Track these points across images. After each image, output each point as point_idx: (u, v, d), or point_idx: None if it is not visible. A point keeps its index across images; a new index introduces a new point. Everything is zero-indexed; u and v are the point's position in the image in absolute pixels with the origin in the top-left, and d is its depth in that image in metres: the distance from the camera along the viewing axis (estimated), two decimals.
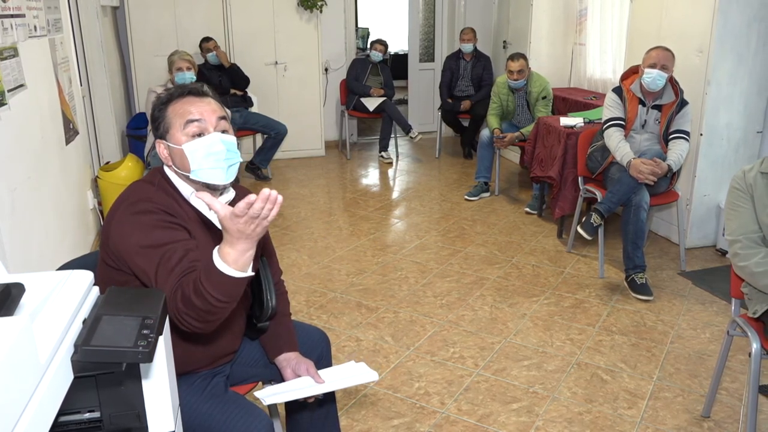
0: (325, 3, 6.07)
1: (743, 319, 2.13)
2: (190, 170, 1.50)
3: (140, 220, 1.43)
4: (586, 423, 2.33)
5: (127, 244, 1.42)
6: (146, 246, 1.40)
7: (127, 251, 1.42)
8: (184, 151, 1.49)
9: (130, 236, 1.42)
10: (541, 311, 3.19)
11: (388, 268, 3.73)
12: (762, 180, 2.00)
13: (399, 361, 2.74)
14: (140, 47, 5.65)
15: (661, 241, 4.11)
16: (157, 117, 1.55)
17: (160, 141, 1.56)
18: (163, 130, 1.54)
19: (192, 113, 1.51)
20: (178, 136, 1.51)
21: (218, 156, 1.50)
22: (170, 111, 1.53)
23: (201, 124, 1.51)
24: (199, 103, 1.53)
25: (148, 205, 1.46)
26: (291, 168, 6.07)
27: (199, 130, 1.51)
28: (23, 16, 2.74)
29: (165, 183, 1.55)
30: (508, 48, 6.05)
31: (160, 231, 1.43)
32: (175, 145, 1.51)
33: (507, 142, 4.86)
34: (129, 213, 1.45)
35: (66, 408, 1.09)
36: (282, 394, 1.65)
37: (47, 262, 2.78)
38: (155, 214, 1.45)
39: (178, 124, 1.51)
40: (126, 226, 1.44)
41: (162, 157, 1.56)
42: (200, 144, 1.50)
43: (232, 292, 1.30)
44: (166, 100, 1.56)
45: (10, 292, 0.91)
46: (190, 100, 1.54)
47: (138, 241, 1.41)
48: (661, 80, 3.32)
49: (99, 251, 1.55)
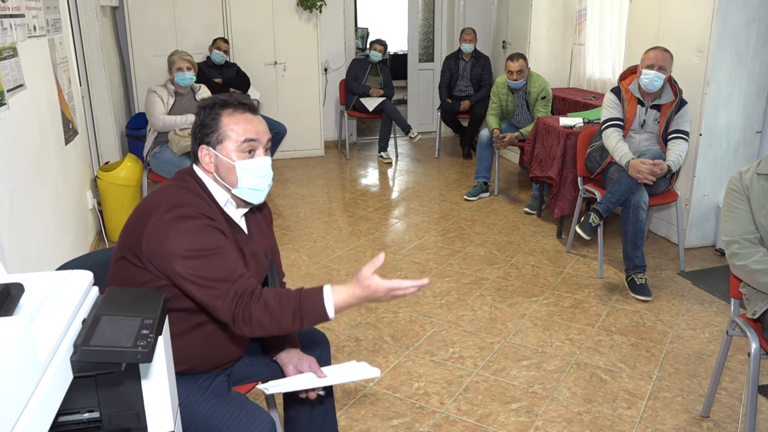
0: (325, 3, 6.07)
1: (742, 319, 2.13)
2: (236, 185, 1.54)
3: (184, 225, 1.43)
4: (585, 423, 2.33)
5: (169, 247, 1.40)
6: (195, 250, 1.40)
7: (165, 253, 1.41)
8: (236, 167, 1.52)
9: (175, 241, 1.41)
10: (541, 311, 3.20)
11: (387, 268, 3.73)
12: (758, 181, 2.00)
13: (398, 361, 2.74)
14: (140, 47, 5.65)
15: (660, 241, 4.12)
16: (208, 124, 1.54)
17: (207, 147, 1.55)
18: (215, 140, 1.53)
19: (251, 133, 1.53)
20: (229, 150, 1.52)
21: (265, 179, 1.57)
22: (225, 122, 1.53)
23: (255, 144, 1.54)
24: (256, 122, 1.56)
25: (188, 209, 1.45)
26: (290, 168, 6.07)
27: (251, 149, 1.54)
28: (22, 16, 2.74)
29: (198, 188, 1.55)
30: (508, 48, 6.05)
31: (207, 235, 1.44)
32: (226, 158, 1.52)
33: (506, 142, 4.86)
34: (169, 218, 1.43)
35: (65, 408, 1.09)
36: (284, 386, 1.66)
37: (46, 262, 2.78)
38: (198, 219, 1.45)
39: (234, 139, 1.52)
40: (169, 231, 1.42)
41: (203, 162, 1.56)
42: (254, 164, 1.54)
43: (314, 322, 1.42)
44: (219, 108, 1.54)
45: (9, 292, 0.91)
46: (248, 117, 1.55)
47: (185, 246, 1.40)
48: (659, 81, 3.32)
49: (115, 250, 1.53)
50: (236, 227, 1.60)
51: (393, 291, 1.38)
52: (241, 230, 1.62)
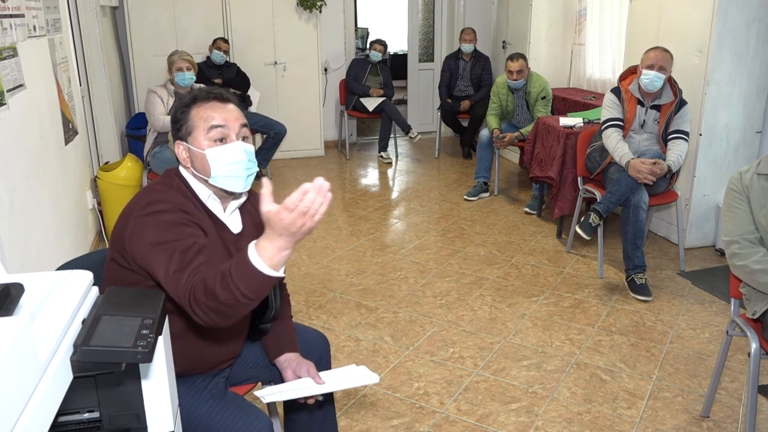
0: (325, 3, 6.06)
1: (742, 319, 2.13)
2: (210, 175, 1.52)
3: (155, 218, 1.42)
4: (585, 423, 2.33)
5: (142, 242, 1.41)
6: (161, 242, 1.38)
7: (140, 249, 1.41)
8: (206, 156, 1.51)
9: (145, 234, 1.41)
10: (541, 311, 3.20)
11: (387, 268, 3.73)
12: (758, 181, 2.00)
13: (398, 361, 2.74)
14: (139, 47, 5.65)
15: (660, 241, 4.12)
16: (179, 118, 1.56)
17: (181, 142, 1.56)
18: (185, 132, 1.55)
19: (216, 119, 1.53)
20: (200, 140, 1.52)
21: (240, 165, 1.52)
22: (193, 114, 1.54)
23: (224, 130, 1.53)
24: (223, 109, 1.55)
25: (163, 204, 1.45)
26: (290, 168, 6.07)
27: (221, 136, 1.52)
28: (22, 16, 2.74)
29: (182, 185, 1.55)
30: (508, 48, 6.05)
31: (176, 228, 1.42)
32: (196, 149, 1.52)
33: (506, 142, 4.86)
34: (144, 213, 1.44)
35: (65, 408, 1.09)
36: (281, 393, 1.65)
37: (46, 262, 2.78)
38: (170, 213, 1.44)
39: (201, 127, 1.52)
40: (141, 225, 1.43)
41: (180, 159, 1.57)
42: (223, 151, 1.51)
43: (260, 289, 1.26)
44: (189, 102, 1.56)
45: (9, 292, 0.91)
46: (214, 105, 1.55)
47: (152, 238, 1.39)
48: (659, 81, 3.32)
49: (108, 251, 1.54)
50: (221, 225, 1.58)
51: (291, 210, 1.18)
52: (227, 229, 1.59)
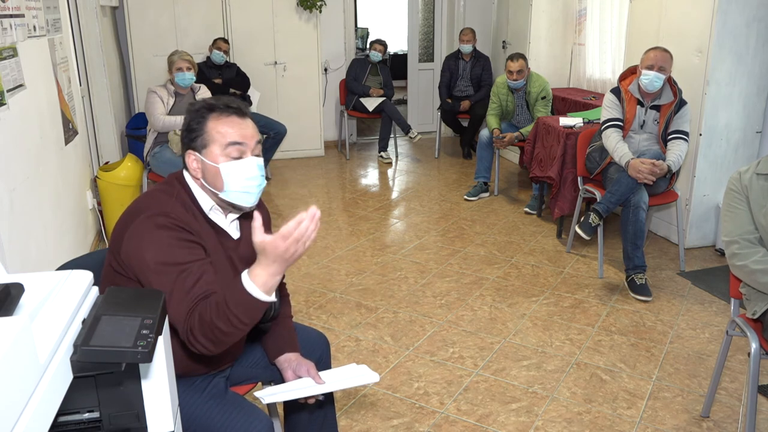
0: (325, 3, 6.07)
1: (742, 319, 2.13)
2: (223, 189, 1.51)
3: (158, 235, 1.41)
4: (585, 423, 2.33)
5: (143, 259, 1.40)
6: (163, 263, 1.39)
7: (141, 265, 1.41)
8: (220, 170, 1.49)
9: (147, 251, 1.40)
10: (541, 311, 3.20)
11: (387, 268, 3.73)
12: (758, 181, 2.00)
13: (398, 361, 2.74)
14: (140, 47, 5.65)
15: (660, 241, 4.12)
16: (194, 128, 1.52)
17: (193, 152, 1.53)
18: (199, 144, 1.51)
19: (235, 136, 1.50)
20: (215, 154, 1.50)
21: (254, 181, 1.52)
22: (210, 126, 1.50)
23: (242, 147, 1.51)
24: (242, 125, 1.52)
25: (167, 220, 1.43)
26: (290, 168, 6.07)
27: (239, 154, 1.51)
28: (22, 16, 2.74)
29: (184, 194, 1.54)
30: (508, 48, 6.05)
31: (178, 249, 1.42)
32: (211, 162, 1.50)
33: (506, 142, 4.86)
34: (147, 226, 1.42)
35: (65, 408, 1.09)
36: (281, 394, 1.65)
37: (46, 262, 2.77)
38: (173, 231, 1.43)
39: (219, 142, 1.50)
40: (143, 239, 1.42)
41: (191, 168, 1.54)
42: (239, 166, 1.50)
43: (255, 315, 1.32)
44: (206, 111, 1.52)
45: (9, 292, 0.91)
46: (233, 120, 1.51)
47: (154, 257, 1.39)
48: (659, 82, 3.32)
49: (106, 254, 1.53)
50: (222, 233, 1.58)
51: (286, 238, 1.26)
52: (228, 236, 1.59)
